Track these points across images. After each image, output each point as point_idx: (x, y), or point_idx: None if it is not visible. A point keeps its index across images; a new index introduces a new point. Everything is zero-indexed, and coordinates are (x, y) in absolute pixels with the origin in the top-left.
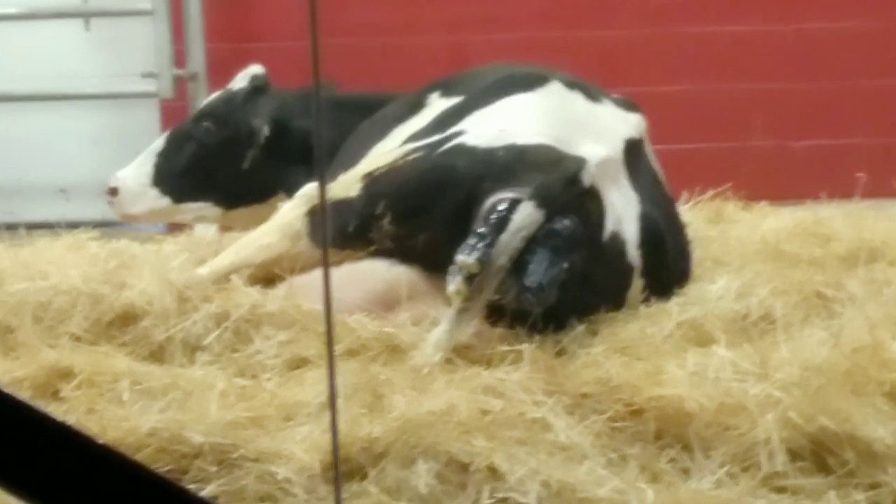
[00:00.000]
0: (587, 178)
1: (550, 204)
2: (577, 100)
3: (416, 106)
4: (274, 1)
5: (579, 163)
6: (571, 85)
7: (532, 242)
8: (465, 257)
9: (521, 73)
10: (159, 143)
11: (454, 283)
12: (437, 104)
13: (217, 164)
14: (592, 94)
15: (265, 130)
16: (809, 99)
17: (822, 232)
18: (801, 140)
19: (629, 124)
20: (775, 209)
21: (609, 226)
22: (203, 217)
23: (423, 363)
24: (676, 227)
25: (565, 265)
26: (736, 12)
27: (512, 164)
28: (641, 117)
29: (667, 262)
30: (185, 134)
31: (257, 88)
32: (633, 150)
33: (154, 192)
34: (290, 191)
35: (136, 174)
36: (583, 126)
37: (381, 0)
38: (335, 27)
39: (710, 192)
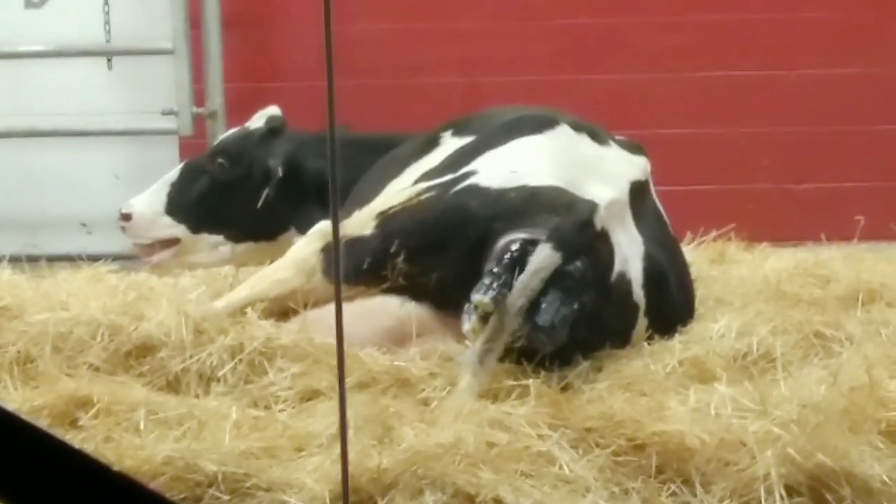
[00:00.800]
0: (599, 222)
1: (567, 246)
2: (584, 142)
3: (430, 144)
4: (292, 42)
5: (591, 206)
6: (578, 128)
7: (545, 283)
8: (481, 296)
9: (531, 115)
10: (173, 174)
11: (469, 322)
12: (450, 143)
13: (227, 200)
14: (599, 137)
15: (279, 171)
16: (810, 143)
17: (822, 273)
18: (801, 183)
19: (635, 167)
20: (776, 250)
21: (616, 266)
22: (216, 255)
23: (456, 411)
24: (680, 267)
25: (576, 306)
26: (740, 58)
27: (524, 206)
28: (646, 160)
29: (670, 301)
30: (199, 168)
31: (273, 129)
32: (638, 192)
33: (167, 220)
34: (301, 229)
35: (149, 201)
36: (590, 168)
37: (397, 42)
38: (351, 68)
39: (714, 233)
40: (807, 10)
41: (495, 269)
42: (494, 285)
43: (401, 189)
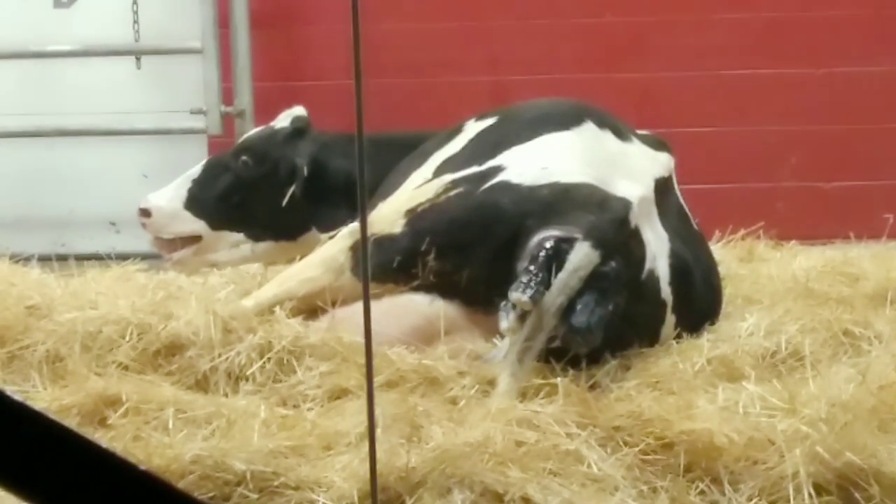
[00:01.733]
0: (633, 219)
1: (605, 245)
2: (608, 139)
3: (453, 133)
4: (320, 41)
5: (626, 204)
6: (602, 123)
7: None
8: (520, 294)
9: (557, 110)
10: (196, 170)
11: (507, 321)
12: (471, 128)
13: (249, 198)
14: (622, 133)
15: (304, 170)
16: (839, 141)
17: (851, 271)
18: (830, 181)
19: (658, 163)
20: (805, 248)
21: (647, 264)
22: (236, 253)
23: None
24: (705, 263)
25: (611, 307)
26: (768, 56)
27: (557, 203)
28: (669, 156)
29: (696, 298)
30: (222, 165)
31: (298, 130)
32: (662, 189)
33: (187, 216)
34: (322, 229)
35: (169, 196)
36: (617, 165)
37: (424, 41)
38: (378, 67)
39: (742, 232)
40: (835, 8)
41: (532, 268)
42: (532, 283)
43: (425, 181)
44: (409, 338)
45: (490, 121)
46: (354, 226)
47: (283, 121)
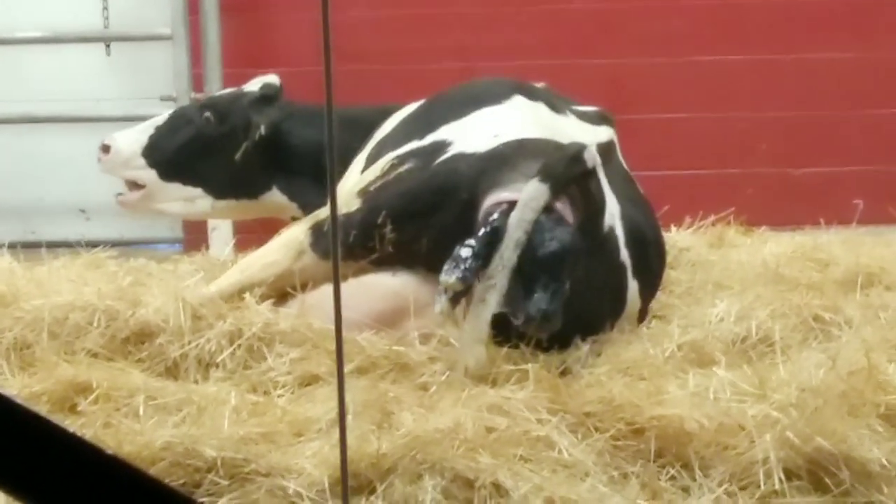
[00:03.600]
0: (589, 159)
1: (554, 178)
2: (541, 110)
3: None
4: (290, 27)
5: (580, 144)
6: (533, 97)
7: (532, 268)
8: (447, 277)
9: (484, 87)
10: (161, 118)
11: (440, 304)
12: (399, 112)
13: (206, 153)
14: (556, 107)
15: (262, 129)
16: (809, 127)
17: (821, 257)
18: (801, 167)
19: (596, 135)
20: (775, 234)
21: (607, 219)
22: (190, 207)
23: (476, 365)
24: (654, 225)
25: (567, 284)
26: (737, 42)
27: (513, 156)
28: (610, 129)
29: (650, 261)
30: (186, 117)
31: (265, 96)
32: (604, 155)
33: (141, 162)
34: (284, 191)
35: (130, 139)
36: (554, 134)
37: (393, 27)
38: (348, 54)
39: (712, 218)
40: None
41: (469, 242)
42: (462, 265)
43: (365, 165)
44: (378, 317)
45: (415, 104)
46: (316, 212)
47: (253, 85)
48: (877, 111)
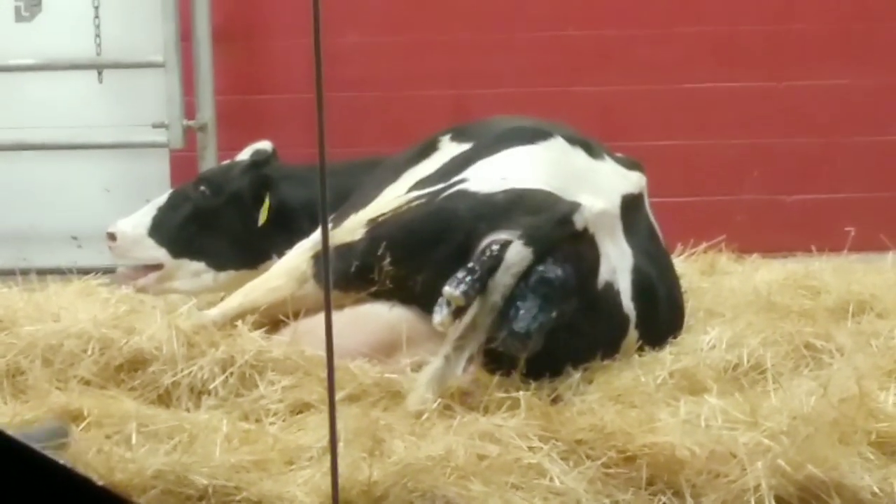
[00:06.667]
0: (579, 221)
1: (539, 242)
2: (578, 155)
3: (428, 149)
4: (281, 54)
5: (572, 206)
6: (573, 141)
7: (524, 288)
8: (452, 290)
9: (527, 126)
10: (163, 198)
11: (440, 315)
12: (448, 148)
13: (207, 227)
14: (594, 151)
15: (248, 200)
16: (801, 154)
17: (813, 284)
18: (792, 194)
19: (628, 181)
20: (767, 262)
21: (603, 275)
22: (197, 282)
23: (416, 403)
24: (670, 281)
25: (554, 314)
26: (729, 70)
27: (509, 207)
28: (641, 175)
29: (660, 314)
30: (184, 194)
31: (256, 162)
32: (630, 206)
33: (150, 242)
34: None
35: (134, 223)
36: (582, 180)
37: (385, 54)
38: (340, 81)
39: (704, 245)
40: (796, 22)
41: (471, 266)
42: (467, 279)
43: (395, 196)
44: (371, 348)
45: (466, 145)
46: (317, 235)
47: (244, 154)
48: (868, 138)
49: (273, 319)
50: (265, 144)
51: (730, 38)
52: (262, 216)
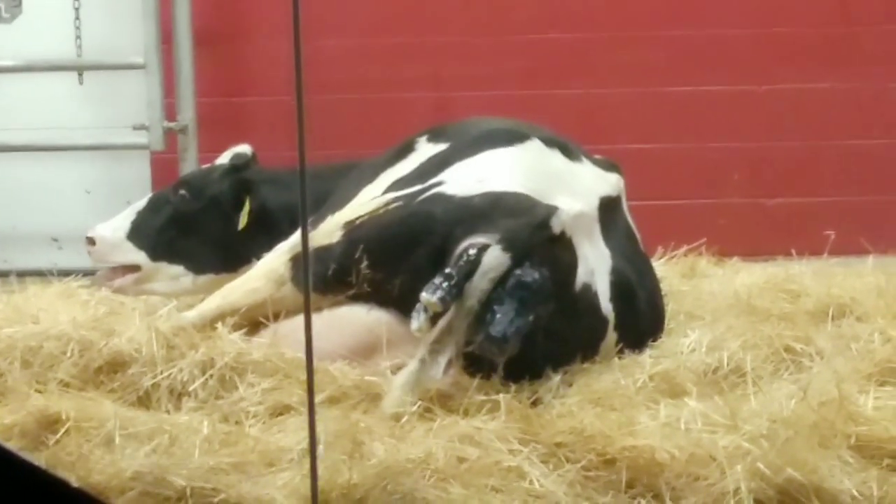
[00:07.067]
0: (556, 225)
1: (517, 247)
2: (555, 157)
3: (405, 150)
4: (262, 57)
5: (550, 209)
6: (550, 143)
7: (501, 292)
8: (429, 296)
9: (504, 128)
10: (142, 202)
11: (417, 321)
12: (424, 149)
13: (186, 231)
14: (571, 153)
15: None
16: (781, 158)
17: (793, 288)
18: (773, 198)
19: (606, 183)
20: (747, 265)
21: (581, 277)
22: (175, 285)
23: (391, 406)
24: (649, 282)
25: (531, 317)
26: (710, 73)
27: (486, 211)
28: (619, 177)
29: (639, 316)
30: (164, 198)
31: (235, 167)
32: (608, 208)
33: (129, 246)
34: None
35: (114, 227)
36: (559, 182)
37: (367, 57)
38: (321, 83)
39: (685, 248)
40: (777, 26)
41: (448, 271)
42: (444, 285)
43: (371, 198)
44: (349, 350)
45: (443, 145)
46: (295, 238)
47: (224, 157)
48: (849, 142)
49: (252, 321)
50: (245, 148)
51: (710, 41)
52: (243, 220)
